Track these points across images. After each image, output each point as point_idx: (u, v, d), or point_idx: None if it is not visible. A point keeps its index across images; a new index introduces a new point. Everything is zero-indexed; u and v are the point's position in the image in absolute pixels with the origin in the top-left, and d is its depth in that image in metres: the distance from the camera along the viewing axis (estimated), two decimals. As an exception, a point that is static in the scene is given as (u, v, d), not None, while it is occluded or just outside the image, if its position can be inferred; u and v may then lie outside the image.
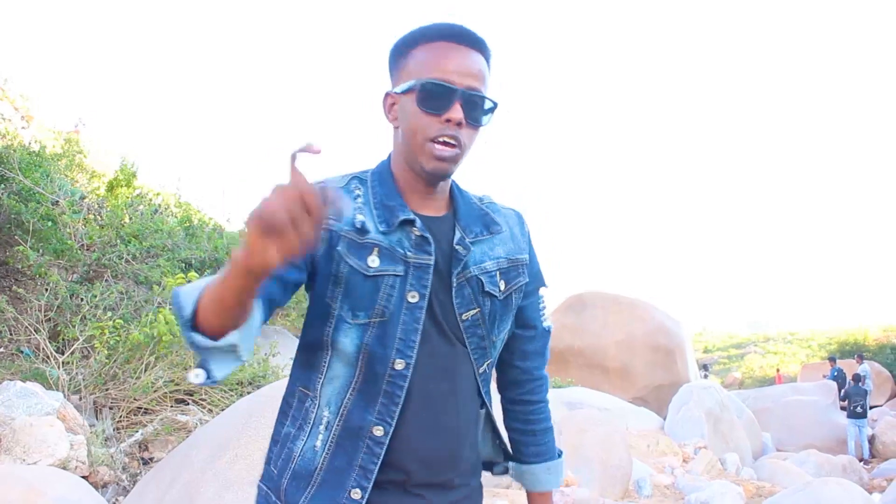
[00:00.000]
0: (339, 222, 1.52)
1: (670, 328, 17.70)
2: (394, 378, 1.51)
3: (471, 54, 1.54)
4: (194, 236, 9.19)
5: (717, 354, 55.61)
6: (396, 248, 1.53)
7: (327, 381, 1.53)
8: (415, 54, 1.54)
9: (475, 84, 1.52)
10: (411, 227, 1.55)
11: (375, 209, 1.56)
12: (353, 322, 1.50)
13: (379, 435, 1.50)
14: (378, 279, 1.51)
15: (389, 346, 1.51)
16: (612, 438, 8.03)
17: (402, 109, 1.54)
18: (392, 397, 1.51)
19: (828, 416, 17.01)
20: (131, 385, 5.64)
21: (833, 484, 6.91)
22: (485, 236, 1.66)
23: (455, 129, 1.50)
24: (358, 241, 1.51)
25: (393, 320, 1.51)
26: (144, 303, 6.71)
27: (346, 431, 1.52)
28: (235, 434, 4.17)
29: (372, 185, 1.60)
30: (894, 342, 38.22)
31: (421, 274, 1.54)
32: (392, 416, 1.50)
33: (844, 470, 12.20)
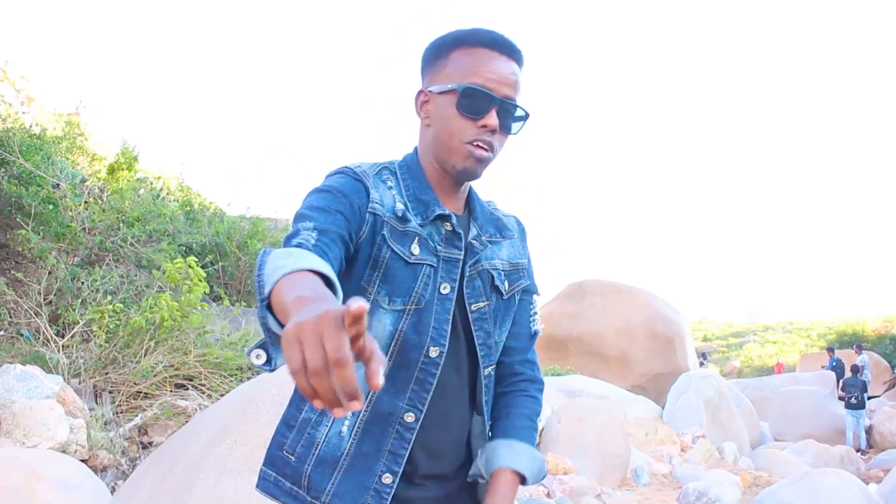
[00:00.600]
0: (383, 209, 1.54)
1: (669, 317, 17.71)
2: (427, 366, 1.55)
3: (509, 63, 1.58)
4: (195, 221, 9.20)
5: (716, 343, 55.65)
6: (429, 241, 1.57)
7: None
8: (455, 57, 1.58)
9: (511, 93, 1.57)
10: (444, 222, 1.60)
11: (410, 201, 1.59)
12: (388, 307, 1.53)
13: (410, 421, 1.54)
14: (417, 267, 1.55)
15: (424, 334, 1.54)
16: (610, 427, 8.06)
17: (438, 109, 1.59)
18: (424, 384, 1.55)
19: (826, 407, 17.03)
20: (131, 369, 5.64)
21: (830, 474, 6.93)
22: (497, 239, 1.73)
23: (490, 134, 1.55)
24: (400, 228, 1.54)
25: (428, 309, 1.55)
26: (145, 287, 6.71)
27: (375, 417, 1.54)
28: (235, 420, 4.17)
29: (402, 177, 1.64)
30: (893, 333, 38.26)
31: (450, 267, 1.60)
32: (423, 402, 1.55)
33: (842, 460, 12.24)
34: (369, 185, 1.55)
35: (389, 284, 1.53)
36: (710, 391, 12.42)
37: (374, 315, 1.54)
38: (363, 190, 1.54)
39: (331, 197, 1.49)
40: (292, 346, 0.86)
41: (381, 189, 1.58)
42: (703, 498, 7.40)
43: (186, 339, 6.03)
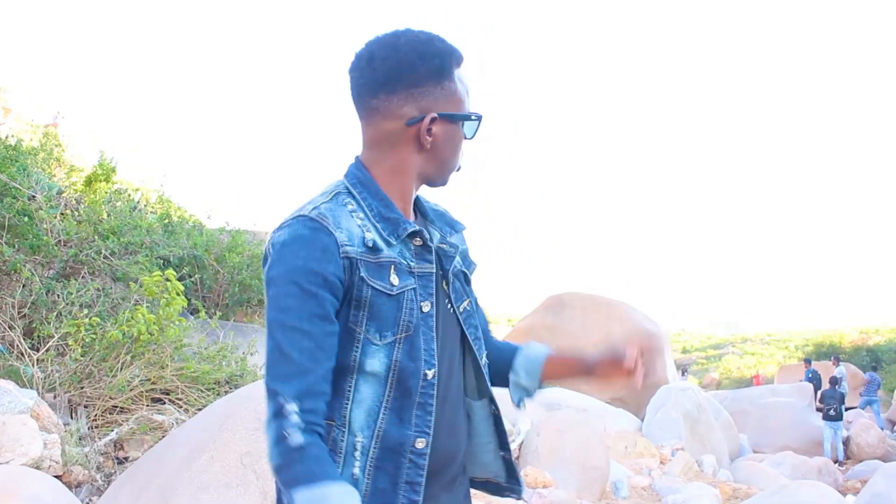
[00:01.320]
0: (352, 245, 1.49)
1: (649, 329, 17.76)
2: (426, 388, 1.53)
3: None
4: (173, 233, 9.13)
5: (695, 355, 55.89)
6: (402, 260, 1.54)
7: (356, 404, 1.50)
8: (458, 80, 1.58)
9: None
10: (412, 238, 1.57)
11: (378, 222, 1.54)
12: (381, 343, 1.49)
13: (421, 447, 1.51)
14: (400, 296, 1.51)
15: (418, 359, 1.52)
16: (589, 440, 8.05)
17: (449, 135, 1.58)
18: (425, 407, 1.53)
19: (804, 418, 17.13)
20: (107, 383, 5.58)
21: (808, 486, 6.97)
22: (452, 234, 1.73)
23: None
24: (374, 261, 1.49)
25: (417, 333, 1.53)
26: (122, 300, 6.65)
27: (385, 452, 1.50)
28: (212, 435, 4.13)
29: (361, 196, 1.57)
30: (870, 344, 38.60)
31: (426, 282, 1.57)
32: (429, 425, 1.52)
33: (820, 472, 12.30)
34: (332, 229, 1.46)
35: (377, 321, 1.49)
36: (689, 404, 12.46)
37: (366, 353, 1.49)
38: (331, 244, 1.46)
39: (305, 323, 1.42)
40: None
41: (345, 220, 1.50)
42: (683, 511, 7.41)
43: (163, 353, 5.97)
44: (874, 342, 39.12)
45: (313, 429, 1.38)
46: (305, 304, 1.41)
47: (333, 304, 1.45)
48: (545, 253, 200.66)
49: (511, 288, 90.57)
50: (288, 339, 1.41)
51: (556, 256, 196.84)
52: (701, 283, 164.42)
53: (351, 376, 1.50)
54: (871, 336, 41.73)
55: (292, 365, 1.40)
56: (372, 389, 1.50)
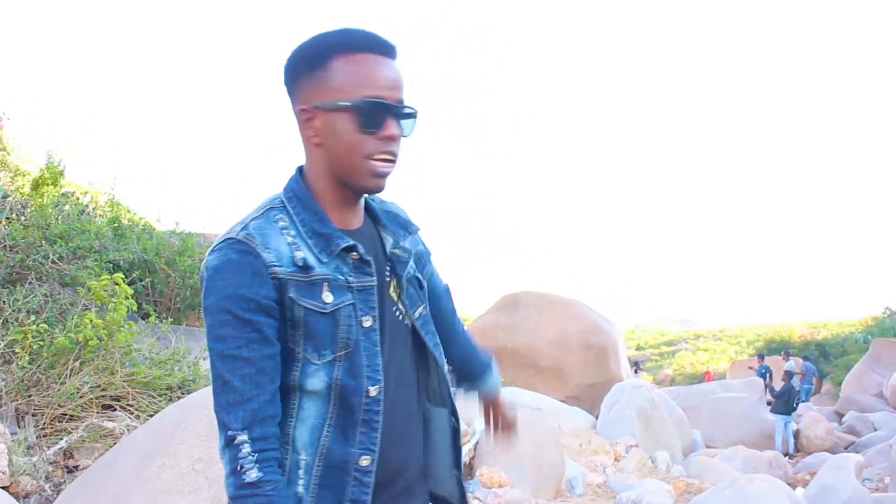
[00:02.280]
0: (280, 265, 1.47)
1: (603, 327, 17.90)
2: (370, 405, 1.51)
3: (392, 64, 1.54)
4: (123, 237, 8.99)
5: (649, 352, 56.52)
6: (338, 275, 1.51)
7: (299, 422, 1.50)
8: (338, 68, 1.50)
9: (402, 96, 1.53)
10: (349, 252, 1.53)
11: (309, 238, 1.52)
12: (319, 362, 1.48)
13: (366, 465, 1.50)
14: (335, 313, 1.49)
15: (360, 376, 1.50)
16: (544, 438, 8.10)
17: (331, 126, 1.51)
18: (370, 424, 1.51)
19: (755, 413, 17.39)
20: (55, 391, 5.48)
21: (758, 480, 7.08)
22: (406, 238, 1.70)
23: (392, 144, 1.52)
24: (305, 280, 1.48)
25: (357, 349, 1.51)
26: (70, 305, 6.53)
27: (329, 470, 1.50)
28: (164, 442, 4.09)
29: (295, 210, 1.55)
30: (818, 339, 39.36)
31: (366, 297, 1.54)
32: (374, 442, 1.51)
33: (770, 465, 12.50)
34: (260, 250, 1.46)
35: (314, 340, 1.48)
36: (643, 400, 12.58)
37: (307, 373, 1.49)
38: (259, 266, 1.45)
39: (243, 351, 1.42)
40: None
41: (274, 239, 1.49)
42: (637, 507, 7.49)
43: (113, 359, 5.88)
44: (822, 336, 39.89)
45: (266, 457, 1.40)
46: (241, 332, 1.42)
47: (271, 325, 1.44)
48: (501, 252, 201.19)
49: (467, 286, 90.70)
50: (228, 367, 1.41)
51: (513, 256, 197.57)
52: (655, 280, 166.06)
53: (294, 394, 1.50)
54: (820, 330, 42.55)
55: (235, 394, 1.40)
56: (315, 407, 1.50)
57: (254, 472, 1.36)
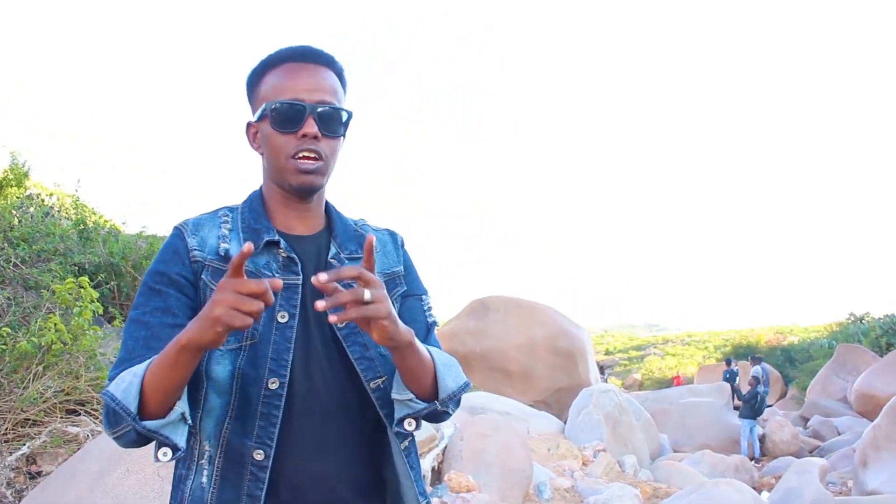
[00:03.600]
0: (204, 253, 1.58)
1: (571, 332, 17.97)
2: (269, 398, 1.50)
3: (319, 70, 1.61)
4: (89, 240, 8.90)
5: (617, 356, 56.91)
6: (264, 270, 1.57)
7: (205, 413, 1.52)
8: (266, 80, 1.61)
9: (326, 97, 1.58)
10: (277, 248, 1.60)
11: (243, 233, 1.61)
12: (224, 348, 1.51)
13: (260, 459, 1.49)
14: None
15: (262, 367, 1.51)
16: (512, 443, 8.11)
17: (262, 135, 1.61)
18: (269, 418, 1.50)
19: (722, 417, 17.57)
20: (18, 396, 5.41)
21: (724, 484, 7.16)
22: (359, 255, 1.67)
23: (313, 142, 1.56)
24: (222, 268, 1.55)
25: (263, 341, 1.52)
26: (33, 309, 6.45)
27: (229, 462, 1.50)
28: (128, 448, 4.05)
29: (242, 211, 1.66)
30: (784, 344, 39.84)
31: (289, 294, 1.57)
32: (271, 437, 1.50)
33: (736, 469, 12.65)
34: (187, 236, 1.58)
35: None
36: (611, 405, 12.65)
37: (211, 359, 1.51)
38: (181, 248, 1.58)
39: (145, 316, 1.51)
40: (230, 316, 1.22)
41: (207, 230, 1.61)
42: (604, 511, 7.53)
43: (77, 363, 5.82)
44: (788, 342, 40.36)
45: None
46: (149, 301, 1.53)
47: (179, 298, 1.53)
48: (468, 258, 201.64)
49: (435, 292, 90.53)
50: (129, 330, 1.51)
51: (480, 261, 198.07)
52: (623, 285, 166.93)
53: (202, 386, 1.53)
54: (786, 335, 43.05)
55: (126, 352, 1.48)
56: (219, 399, 1.52)
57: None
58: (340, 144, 1.65)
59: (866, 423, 13.74)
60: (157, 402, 1.34)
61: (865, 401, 16.69)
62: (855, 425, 17.32)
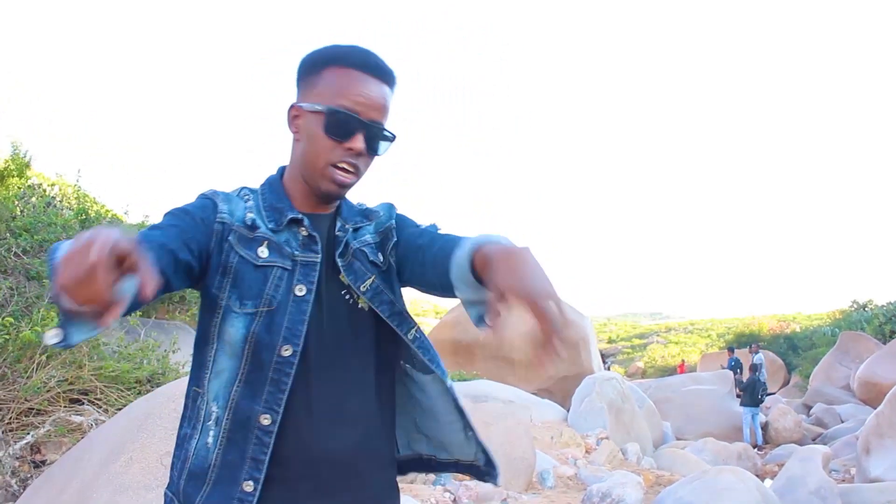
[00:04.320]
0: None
1: (574, 320, 17.98)
2: (280, 365, 1.53)
3: (379, 87, 1.61)
4: (91, 229, 8.89)
5: (620, 345, 56.95)
6: (285, 246, 1.60)
7: (214, 375, 1.55)
8: (326, 76, 1.60)
9: (378, 117, 1.60)
10: (299, 226, 1.63)
11: (265, 211, 1.63)
12: (240, 311, 1.54)
13: (266, 423, 1.51)
14: (267, 269, 1.57)
15: (276, 334, 1.53)
16: (515, 431, 8.12)
17: (307, 126, 1.61)
18: (278, 384, 1.52)
19: (725, 405, 17.57)
20: (21, 385, 5.42)
21: (727, 472, 7.14)
22: (364, 224, 1.74)
23: (355, 157, 1.59)
24: (248, 235, 1.58)
25: (280, 310, 1.55)
26: (36, 299, 6.45)
27: (236, 424, 1.52)
28: (131, 436, 4.05)
29: (262, 192, 1.68)
30: (787, 332, 39.81)
31: (308, 270, 1.60)
32: (279, 403, 1.52)
33: (739, 457, 12.63)
34: (218, 201, 1.62)
35: (239, 289, 1.55)
36: (613, 393, 12.65)
37: (226, 320, 1.55)
38: (210, 206, 1.61)
39: (170, 217, 1.55)
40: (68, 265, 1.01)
41: (235, 204, 1.64)
42: (607, 499, 7.52)
43: (80, 353, 5.83)
44: (791, 329, 40.33)
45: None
46: (175, 213, 1.55)
47: (200, 224, 1.55)
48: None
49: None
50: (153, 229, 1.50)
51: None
52: (626, 274, 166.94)
53: (212, 346, 1.57)
54: (789, 323, 43.04)
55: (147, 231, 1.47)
56: (230, 361, 1.55)
57: None
58: (373, 161, 1.67)
59: (869, 411, 13.74)
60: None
61: (868, 388, 16.66)
62: (858, 413, 17.33)
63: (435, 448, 1.83)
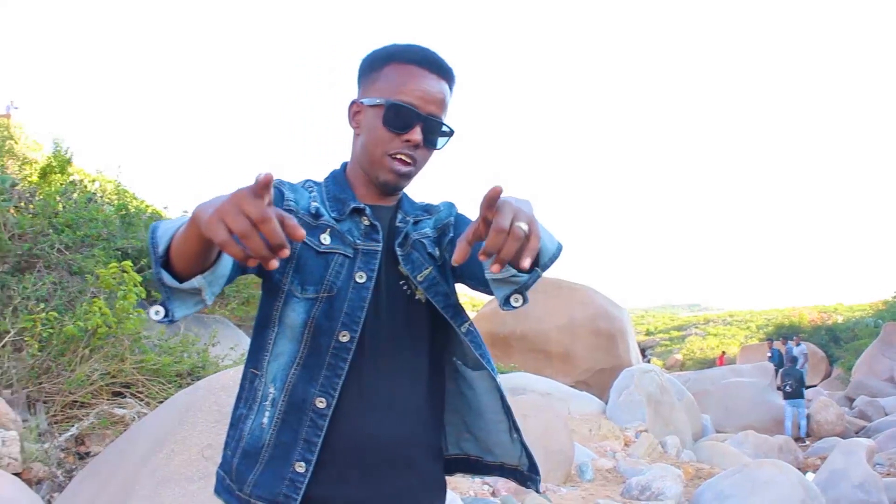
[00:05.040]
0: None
1: (612, 312, 17.89)
2: (338, 350, 1.56)
3: (438, 82, 1.67)
4: (131, 224, 8.99)
5: (658, 337, 56.51)
6: (347, 235, 1.64)
7: (273, 357, 1.59)
8: (386, 72, 1.66)
9: (437, 111, 1.66)
10: (361, 216, 1.67)
11: (328, 201, 1.68)
12: (301, 296, 1.58)
13: (321, 407, 1.54)
14: (328, 256, 1.61)
15: (335, 320, 1.57)
16: (553, 423, 8.10)
17: (367, 120, 1.67)
18: (335, 369, 1.56)
19: (765, 397, 17.36)
20: (66, 378, 5.50)
21: (768, 465, 7.08)
22: (424, 217, 1.78)
23: (413, 149, 1.64)
24: (312, 223, 1.62)
25: (340, 296, 1.59)
26: (78, 293, 6.54)
27: (291, 406, 1.56)
28: (172, 428, 4.10)
29: (326, 184, 1.74)
30: (828, 323, 39.23)
31: (369, 259, 1.64)
32: (335, 387, 1.55)
33: (780, 450, 12.50)
34: (284, 190, 1.65)
35: (301, 274, 1.59)
36: (652, 386, 12.56)
37: (288, 305, 1.59)
38: (277, 194, 1.64)
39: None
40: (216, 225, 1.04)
41: (299, 193, 1.68)
42: (647, 492, 7.49)
43: (122, 346, 5.90)
44: (832, 321, 39.76)
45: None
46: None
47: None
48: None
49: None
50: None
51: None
52: (664, 265, 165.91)
53: (273, 328, 1.61)
54: (830, 315, 42.43)
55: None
56: (289, 345, 1.58)
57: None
58: (432, 155, 1.71)
59: (914, 403, 13.52)
60: (176, 258, 1.28)
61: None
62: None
63: (482, 450, 1.84)
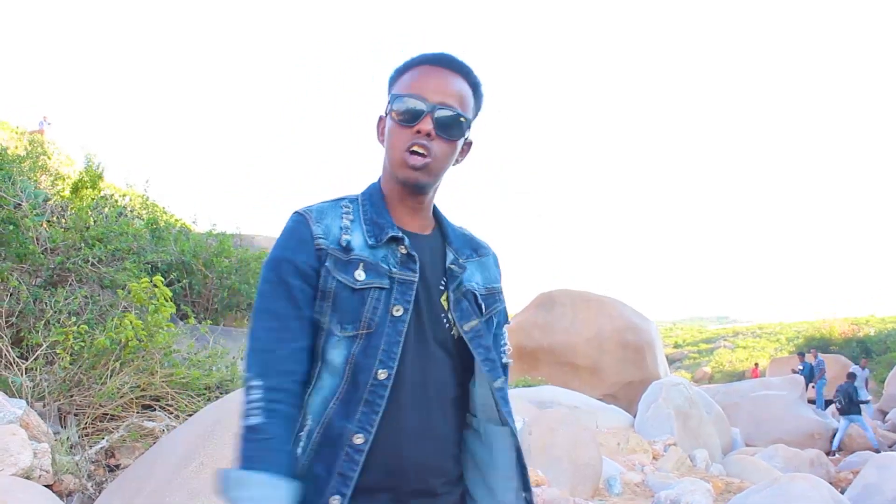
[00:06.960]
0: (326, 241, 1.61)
1: (639, 325, 17.79)
2: (375, 387, 1.56)
3: (451, 77, 1.68)
4: (161, 239, 9.09)
5: (687, 349, 56.10)
6: (381, 263, 1.63)
7: (315, 391, 1.60)
8: (401, 79, 1.69)
9: (450, 101, 1.65)
10: (398, 244, 1.65)
11: (366, 224, 1.66)
12: (341, 335, 1.58)
13: (359, 443, 1.54)
14: (364, 292, 1.59)
15: (373, 357, 1.57)
16: (581, 437, 8.06)
17: (386, 128, 1.68)
18: (373, 406, 1.55)
19: (795, 411, 17.17)
20: (96, 391, 5.55)
21: (799, 479, 6.98)
22: (474, 258, 1.79)
23: (425, 139, 1.62)
24: (343, 258, 1.60)
25: (378, 332, 1.58)
26: (109, 307, 6.61)
27: (326, 439, 1.56)
28: (202, 442, 4.13)
29: (363, 203, 1.71)
30: (860, 335, 38.71)
31: (405, 289, 1.62)
32: (372, 424, 1.55)
33: (812, 464, 12.34)
34: (312, 224, 1.63)
35: (340, 313, 1.58)
36: (681, 399, 12.47)
37: (328, 342, 1.59)
38: (306, 236, 1.62)
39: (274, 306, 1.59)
40: None
41: (330, 219, 1.65)
42: (676, 506, 7.42)
43: (153, 360, 5.95)
44: (864, 333, 39.25)
45: (273, 408, 1.50)
46: (276, 290, 1.59)
47: (304, 290, 1.59)
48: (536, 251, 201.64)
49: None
50: (258, 320, 1.58)
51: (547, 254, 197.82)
52: (692, 277, 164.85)
53: (318, 364, 1.61)
54: (861, 327, 41.87)
55: (259, 343, 1.56)
56: (331, 379, 1.59)
57: (257, 417, 1.48)
58: (456, 149, 1.69)
59: (948, 417, 13.31)
60: None
61: (947, 393, 16.16)
62: (937, 419, 16.80)
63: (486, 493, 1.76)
